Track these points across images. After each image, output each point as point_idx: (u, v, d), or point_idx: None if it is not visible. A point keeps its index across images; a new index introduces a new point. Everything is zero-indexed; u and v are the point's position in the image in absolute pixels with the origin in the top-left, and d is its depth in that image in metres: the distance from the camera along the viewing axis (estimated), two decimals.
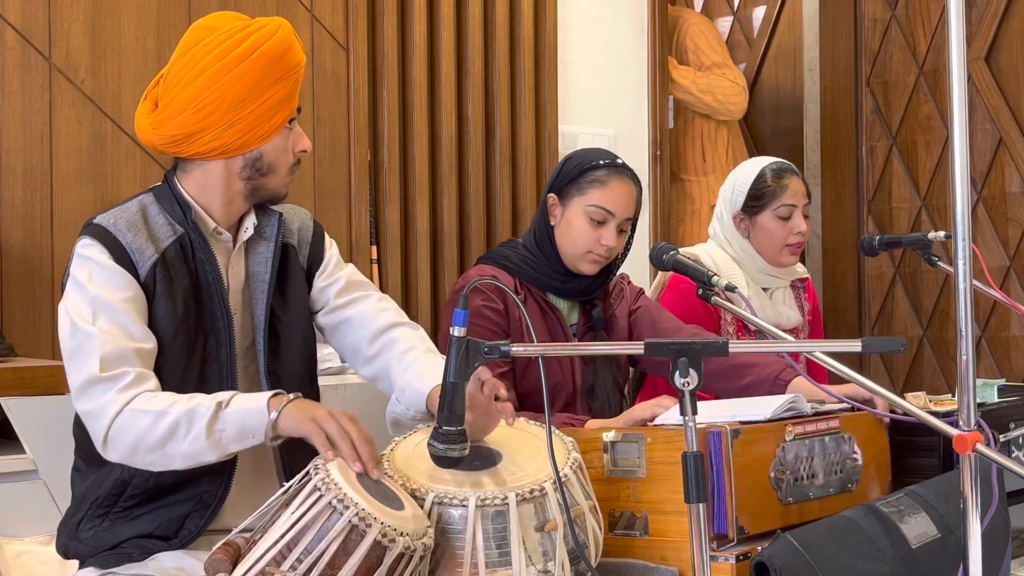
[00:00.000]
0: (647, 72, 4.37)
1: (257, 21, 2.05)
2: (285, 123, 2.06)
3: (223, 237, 2.09)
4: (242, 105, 1.99)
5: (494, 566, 1.81)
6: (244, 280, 2.11)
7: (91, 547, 2.03)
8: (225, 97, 1.98)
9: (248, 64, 1.98)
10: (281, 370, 2.11)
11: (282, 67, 2.01)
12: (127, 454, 1.91)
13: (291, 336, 2.14)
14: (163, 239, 2.03)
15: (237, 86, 1.98)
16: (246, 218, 2.12)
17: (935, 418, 1.89)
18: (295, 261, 2.17)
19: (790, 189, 2.99)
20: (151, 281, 1.99)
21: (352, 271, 2.26)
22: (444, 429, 1.74)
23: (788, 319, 3.04)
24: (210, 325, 2.04)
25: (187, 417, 1.87)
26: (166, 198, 2.07)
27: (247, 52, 1.99)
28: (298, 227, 2.21)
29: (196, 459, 1.91)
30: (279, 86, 2.02)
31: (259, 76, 1.99)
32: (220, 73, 1.98)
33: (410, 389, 2.11)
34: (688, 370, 1.62)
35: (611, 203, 2.57)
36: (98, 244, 1.98)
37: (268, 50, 2.00)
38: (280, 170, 2.08)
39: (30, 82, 2.99)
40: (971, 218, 1.83)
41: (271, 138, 2.05)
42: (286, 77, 2.02)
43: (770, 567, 1.92)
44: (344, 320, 2.21)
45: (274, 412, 1.86)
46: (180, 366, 2.00)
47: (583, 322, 2.67)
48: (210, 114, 1.99)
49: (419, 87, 3.68)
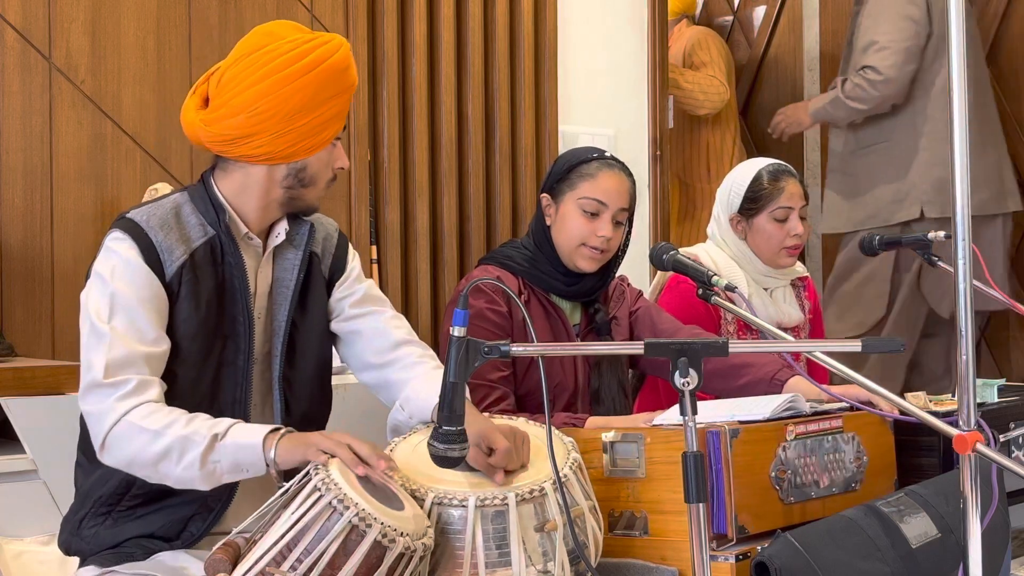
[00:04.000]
0: (647, 72, 4.37)
1: (321, 36, 2.07)
2: (333, 138, 2.09)
3: (253, 242, 2.10)
4: (298, 116, 2.01)
5: (494, 566, 1.81)
6: (269, 286, 2.13)
7: (93, 545, 2.03)
8: (284, 106, 2.00)
9: (311, 77, 2.01)
10: (295, 377, 2.12)
11: (340, 84, 2.05)
12: (122, 464, 1.93)
13: (308, 344, 2.15)
14: (194, 240, 2.03)
15: (297, 96, 2.00)
16: (277, 225, 2.14)
17: (935, 418, 1.89)
18: (318, 270, 2.19)
19: (786, 191, 2.99)
20: (176, 282, 1.99)
21: (371, 285, 2.28)
22: (444, 429, 1.74)
23: (790, 317, 3.04)
24: (230, 329, 2.05)
25: (181, 443, 1.87)
26: (201, 198, 2.08)
27: (311, 65, 2.01)
28: (324, 236, 2.22)
29: (189, 485, 1.92)
30: (334, 102, 2.04)
31: (318, 89, 2.02)
32: (283, 82, 2.00)
33: (416, 398, 2.12)
34: (688, 370, 1.62)
35: (602, 193, 2.58)
36: (128, 239, 1.98)
37: (330, 66, 2.03)
38: (319, 183, 2.11)
39: (30, 82, 2.99)
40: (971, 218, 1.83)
41: (317, 151, 2.07)
42: (342, 94, 2.06)
43: (770, 567, 1.92)
44: (355, 331, 2.22)
45: (271, 451, 1.86)
46: (195, 369, 2.01)
47: (585, 323, 2.68)
48: (266, 120, 2.01)
49: (419, 87, 3.68)
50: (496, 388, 2.50)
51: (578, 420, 2.45)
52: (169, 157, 3.19)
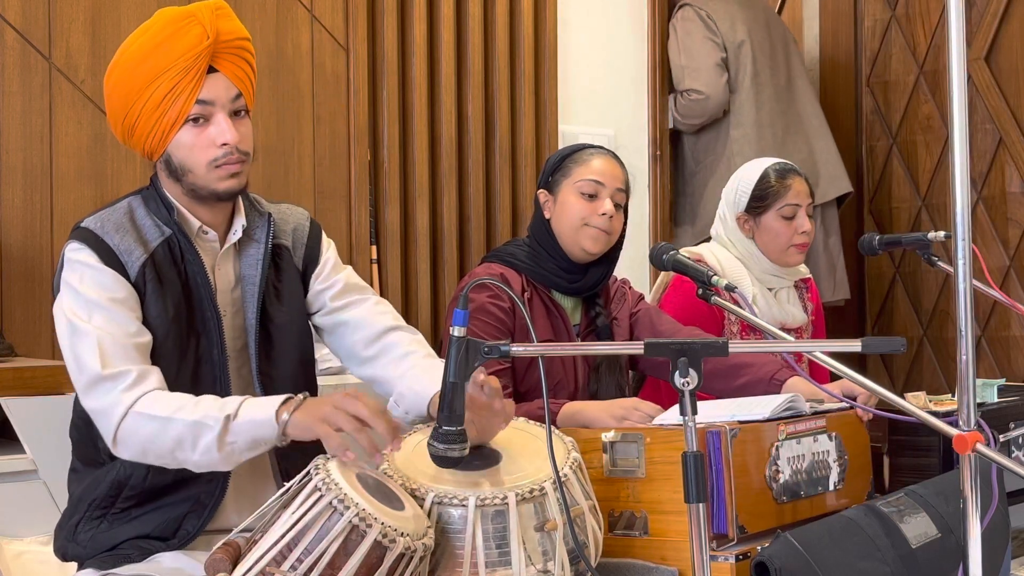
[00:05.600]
0: (647, 72, 4.37)
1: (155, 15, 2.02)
2: (183, 119, 1.96)
3: (209, 237, 2.06)
4: (132, 107, 1.97)
5: (494, 566, 1.81)
6: (235, 282, 2.09)
7: (89, 549, 2.02)
8: (113, 99, 1.99)
9: (126, 62, 1.98)
10: (274, 372, 2.09)
11: (162, 60, 1.94)
12: (138, 455, 1.91)
13: (285, 338, 2.11)
14: (151, 240, 2.01)
15: (120, 87, 1.98)
16: (235, 219, 2.09)
17: (935, 418, 1.89)
18: (289, 262, 2.15)
19: (793, 189, 3.00)
20: (141, 281, 1.97)
21: (350, 273, 2.23)
22: (444, 429, 1.74)
23: (794, 318, 3.05)
24: (201, 326, 2.03)
25: (193, 429, 1.85)
26: (152, 199, 2.05)
27: (123, 51, 1.99)
28: (293, 227, 2.17)
29: (209, 468, 1.91)
30: (161, 80, 1.94)
31: (135, 73, 1.96)
32: (109, 77, 2.00)
33: (411, 393, 2.10)
34: (688, 370, 1.62)
35: (597, 174, 2.61)
36: (86, 248, 1.96)
37: (141, 45, 1.96)
38: (197, 169, 1.98)
39: (30, 82, 2.99)
40: (971, 218, 1.83)
41: (171, 137, 1.97)
42: (168, 69, 1.94)
43: (770, 567, 1.92)
44: (340, 323, 2.19)
45: (283, 420, 1.84)
46: (173, 366, 1.99)
47: (585, 322, 2.68)
48: (115, 121, 2.01)
49: (419, 87, 3.68)
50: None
51: (555, 404, 2.45)
52: None
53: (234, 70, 1.99)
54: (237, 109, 2.00)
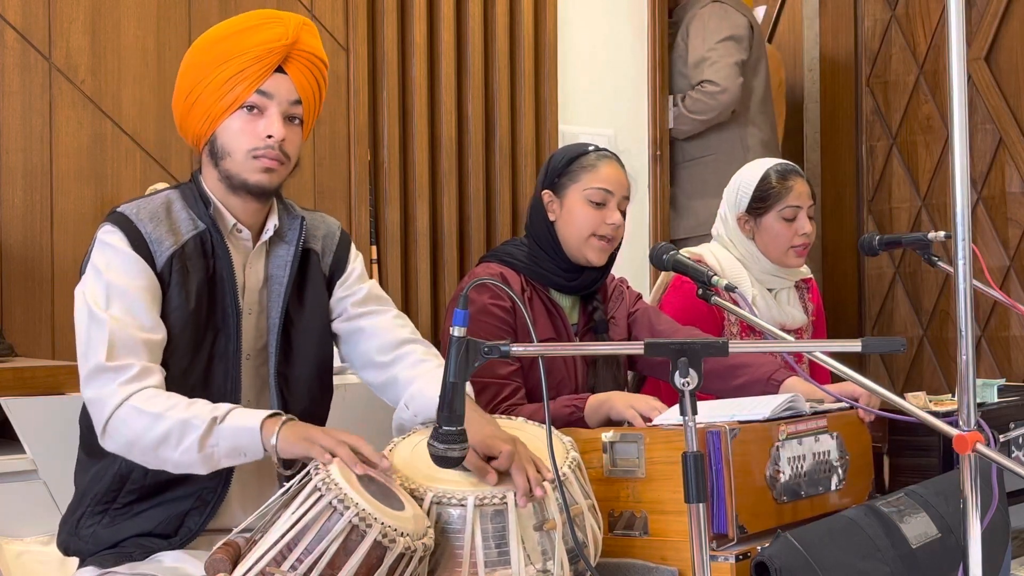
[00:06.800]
0: (647, 72, 4.37)
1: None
2: (238, 104, 2.02)
3: (242, 236, 2.10)
4: (196, 87, 2.04)
5: (493, 565, 1.81)
6: (263, 281, 2.12)
7: (91, 544, 2.03)
8: (184, 82, 2.06)
9: (201, 47, 2.07)
10: (291, 374, 2.11)
11: (231, 48, 2.04)
12: (123, 449, 1.93)
13: (305, 341, 2.14)
14: (184, 232, 2.04)
15: (192, 70, 2.06)
16: (269, 219, 2.13)
17: (935, 418, 1.89)
18: (316, 267, 2.18)
19: (795, 190, 3.00)
20: (167, 271, 2.00)
21: (374, 285, 2.27)
22: (444, 429, 1.74)
23: (794, 319, 3.05)
24: (221, 322, 2.05)
25: (180, 427, 1.87)
26: (191, 194, 2.09)
27: (203, 39, 2.08)
28: (324, 234, 2.22)
29: (187, 469, 1.92)
30: (227, 66, 2.02)
31: (206, 57, 2.05)
32: (185, 62, 2.08)
33: (421, 396, 2.12)
34: (688, 370, 1.62)
35: (606, 182, 2.62)
36: (118, 231, 2.00)
37: (215, 34, 2.07)
38: (236, 154, 2.04)
39: (30, 82, 2.99)
40: (971, 218, 1.83)
41: (222, 119, 2.04)
42: (237, 57, 2.02)
43: (770, 567, 1.92)
44: (358, 329, 2.22)
45: (272, 438, 1.86)
46: (186, 360, 2.01)
47: (583, 321, 2.69)
48: (179, 101, 2.08)
49: (419, 87, 3.68)
50: (507, 384, 2.51)
51: (579, 400, 2.47)
52: (169, 157, 3.18)
53: (301, 79, 2.07)
54: (293, 115, 2.07)
